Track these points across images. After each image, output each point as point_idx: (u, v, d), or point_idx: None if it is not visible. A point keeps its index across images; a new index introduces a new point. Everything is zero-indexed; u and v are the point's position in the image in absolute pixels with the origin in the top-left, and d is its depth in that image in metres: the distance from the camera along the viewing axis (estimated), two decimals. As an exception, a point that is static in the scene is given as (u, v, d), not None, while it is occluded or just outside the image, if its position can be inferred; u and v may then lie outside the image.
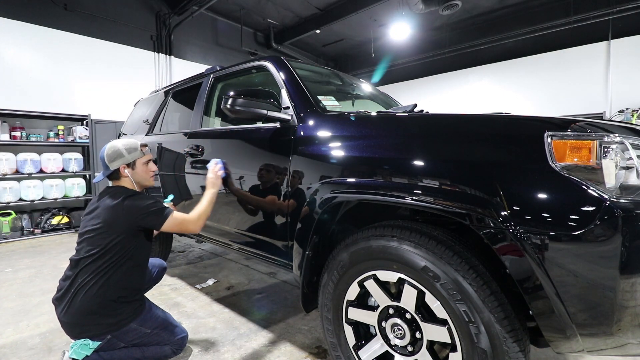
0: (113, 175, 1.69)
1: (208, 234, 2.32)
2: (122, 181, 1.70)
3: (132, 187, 1.71)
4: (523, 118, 1.09)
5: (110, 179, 1.72)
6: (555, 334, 0.94)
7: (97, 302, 1.48)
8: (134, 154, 1.71)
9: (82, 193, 5.14)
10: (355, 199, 1.31)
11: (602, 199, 0.84)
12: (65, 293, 1.51)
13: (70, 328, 1.52)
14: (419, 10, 5.86)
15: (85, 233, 1.57)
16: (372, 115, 1.49)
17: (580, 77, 6.14)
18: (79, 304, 1.47)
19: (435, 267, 1.08)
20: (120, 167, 1.67)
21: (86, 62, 5.38)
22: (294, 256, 1.60)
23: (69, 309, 1.48)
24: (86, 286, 1.48)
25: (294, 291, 2.72)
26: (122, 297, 1.55)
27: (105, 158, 1.66)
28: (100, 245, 1.51)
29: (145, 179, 1.77)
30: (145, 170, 1.76)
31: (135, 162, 1.72)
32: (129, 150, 1.70)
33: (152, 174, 1.81)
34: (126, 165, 1.69)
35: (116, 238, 1.52)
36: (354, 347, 1.39)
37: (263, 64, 2.03)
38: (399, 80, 8.76)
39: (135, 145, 1.74)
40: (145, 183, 1.78)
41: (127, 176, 1.69)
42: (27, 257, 3.71)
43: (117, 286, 1.53)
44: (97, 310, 1.49)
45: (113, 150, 1.67)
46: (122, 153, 1.67)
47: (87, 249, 1.52)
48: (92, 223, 1.56)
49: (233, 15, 7.16)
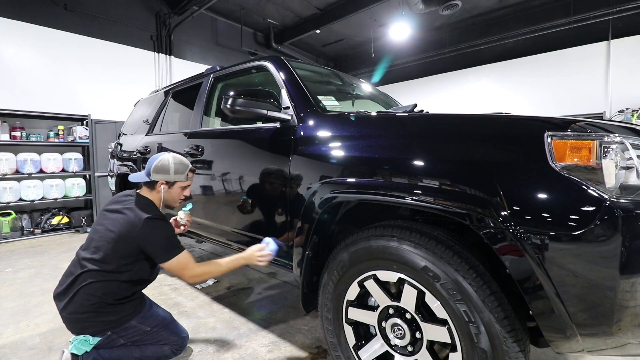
0: (150, 184, 1.71)
1: (208, 234, 2.33)
2: (152, 193, 1.71)
3: (158, 203, 1.71)
4: (523, 118, 1.09)
5: (144, 184, 1.73)
6: (555, 334, 0.94)
7: (98, 302, 1.49)
8: (178, 177, 1.72)
9: (82, 193, 5.14)
10: (355, 199, 1.31)
11: (602, 199, 0.84)
12: (67, 289, 1.52)
13: (71, 324, 1.53)
14: (419, 10, 5.86)
15: (97, 232, 1.58)
16: (372, 115, 1.49)
17: (580, 77, 6.14)
18: (80, 302, 1.48)
19: (435, 267, 1.08)
20: (159, 182, 1.69)
21: (86, 62, 5.38)
22: (294, 256, 1.60)
23: (69, 305, 1.49)
24: (88, 287, 1.49)
25: (294, 291, 2.71)
26: (124, 298, 1.56)
27: (153, 167, 1.67)
28: (108, 254, 1.51)
29: (175, 201, 1.78)
30: (178, 194, 1.77)
31: (174, 184, 1.73)
32: (176, 171, 1.71)
33: (182, 199, 1.81)
34: (165, 182, 1.70)
35: (125, 253, 1.53)
36: (354, 347, 1.39)
37: (263, 64, 2.03)
38: (399, 80, 8.75)
39: (185, 169, 1.75)
40: (172, 204, 1.79)
41: (160, 192, 1.70)
42: (27, 257, 3.71)
43: (119, 290, 1.54)
44: (98, 309, 1.50)
45: (162, 164, 1.68)
46: (168, 170, 1.69)
47: (94, 253, 1.53)
48: (108, 228, 1.56)
49: (233, 15, 7.16)
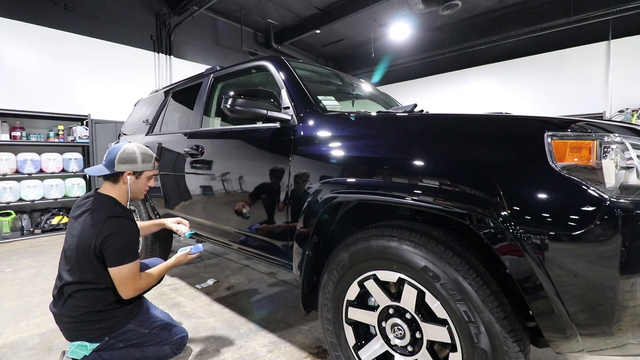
0: (112, 177, 1.60)
1: (208, 234, 2.32)
2: (116, 187, 1.60)
3: (123, 198, 1.62)
4: (523, 118, 1.09)
5: (105, 178, 1.61)
6: (555, 334, 0.94)
7: (87, 311, 1.45)
8: (146, 165, 1.66)
9: (82, 193, 5.13)
10: (355, 199, 1.31)
11: (602, 199, 0.84)
12: (57, 297, 1.49)
13: (66, 332, 1.51)
14: (419, 10, 5.87)
15: (67, 240, 1.52)
16: (372, 115, 1.49)
17: (580, 77, 6.14)
18: (69, 312, 1.45)
19: (435, 267, 1.08)
20: (126, 172, 1.59)
21: (86, 62, 5.38)
22: (294, 256, 1.60)
23: (61, 316, 1.47)
24: (74, 297, 1.45)
25: (294, 291, 2.72)
26: (113, 304, 1.52)
27: (117, 157, 1.57)
28: (79, 263, 1.45)
29: (141, 192, 1.71)
30: (145, 184, 1.71)
31: (142, 173, 1.67)
32: (144, 160, 1.64)
33: (147, 190, 1.76)
34: (132, 172, 1.62)
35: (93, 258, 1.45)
36: (354, 347, 1.39)
37: (263, 64, 2.03)
38: (399, 80, 8.76)
39: (151, 158, 1.69)
40: (138, 196, 1.71)
41: (126, 183, 1.60)
42: (27, 257, 3.71)
43: (106, 296, 1.50)
44: (88, 318, 1.46)
45: (128, 153, 1.60)
46: (135, 159, 1.61)
47: (68, 264, 1.48)
48: (74, 234, 1.50)
49: (233, 15, 7.16)
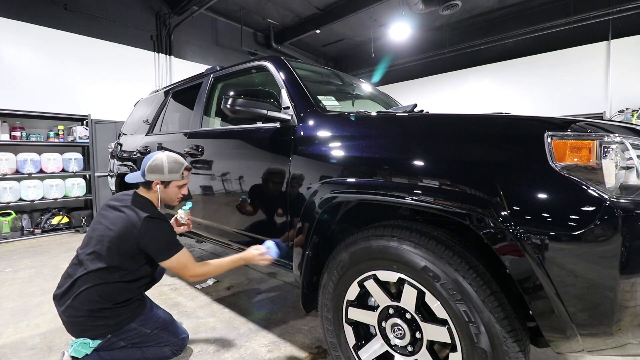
0: (145, 184, 1.70)
1: (208, 234, 2.32)
2: (149, 193, 1.70)
3: (156, 202, 1.70)
4: (523, 118, 1.09)
5: (140, 185, 1.73)
6: (555, 334, 0.94)
7: (97, 306, 1.48)
8: (173, 176, 1.70)
9: (82, 193, 5.14)
10: (355, 199, 1.31)
11: (602, 199, 0.84)
12: (66, 292, 1.51)
13: (71, 327, 1.53)
14: (419, 10, 5.86)
15: (96, 230, 1.57)
16: (372, 115, 1.49)
17: (580, 77, 6.14)
18: (79, 305, 1.47)
19: (435, 267, 1.08)
20: (154, 182, 1.67)
21: (86, 62, 5.38)
22: (294, 256, 1.60)
23: (68, 308, 1.49)
24: (87, 291, 1.48)
25: (294, 291, 2.71)
26: (123, 302, 1.55)
27: (147, 166, 1.66)
28: (108, 252, 1.50)
29: (172, 200, 1.77)
30: (176, 193, 1.76)
31: (170, 183, 1.72)
32: (170, 170, 1.69)
33: (180, 197, 1.80)
34: (161, 182, 1.69)
35: (125, 252, 1.52)
36: (354, 347, 1.39)
37: (263, 64, 2.03)
38: (399, 80, 8.75)
39: (179, 167, 1.72)
40: (170, 203, 1.79)
41: (157, 192, 1.69)
42: (27, 257, 3.71)
43: (117, 292, 1.53)
44: (97, 314, 1.49)
45: (156, 164, 1.67)
46: (162, 170, 1.67)
47: (94, 251, 1.52)
48: (107, 227, 1.55)
49: (233, 15, 7.16)
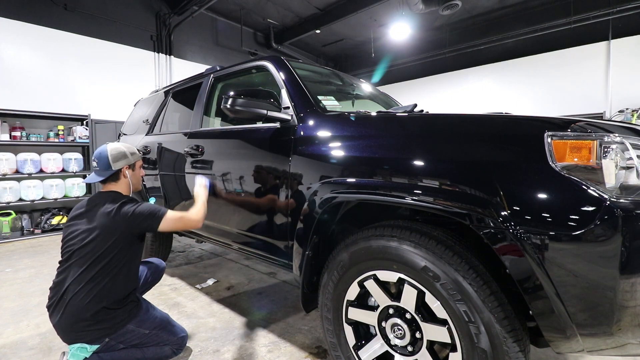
0: (112, 176, 1.67)
1: (208, 234, 2.33)
2: (118, 184, 1.69)
3: (127, 191, 1.72)
4: (523, 118, 1.09)
5: (106, 181, 1.68)
6: (555, 334, 0.94)
7: (89, 310, 1.45)
8: (135, 156, 1.77)
9: (82, 193, 5.13)
10: (355, 199, 1.31)
11: (602, 199, 0.84)
12: (57, 301, 1.47)
13: (64, 334, 1.49)
14: (419, 10, 5.87)
15: (74, 238, 1.52)
16: (372, 115, 1.49)
17: (580, 77, 6.14)
18: (71, 312, 1.44)
19: (435, 267, 1.08)
20: (123, 168, 1.69)
21: (86, 62, 5.38)
22: (294, 256, 1.60)
23: (62, 316, 1.45)
24: (78, 295, 1.44)
25: (294, 291, 2.72)
26: (115, 303, 1.52)
27: (110, 158, 1.66)
28: (95, 253, 1.47)
29: (139, 182, 1.83)
30: (140, 173, 1.83)
31: (135, 164, 1.78)
32: (131, 152, 1.75)
33: (143, 176, 1.87)
34: (128, 166, 1.72)
35: (111, 245, 1.50)
36: (354, 347, 1.39)
37: (263, 64, 2.03)
38: (399, 80, 8.76)
39: (134, 148, 1.81)
40: (138, 187, 1.82)
41: (127, 177, 1.71)
42: (27, 257, 3.71)
43: (109, 293, 1.50)
44: (90, 318, 1.45)
45: (118, 151, 1.69)
46: (125, 154, 1.71)
47: (79, 256, 1.48)
48: (84, 229, 1.52)
49: (233, 15, 7.16)
